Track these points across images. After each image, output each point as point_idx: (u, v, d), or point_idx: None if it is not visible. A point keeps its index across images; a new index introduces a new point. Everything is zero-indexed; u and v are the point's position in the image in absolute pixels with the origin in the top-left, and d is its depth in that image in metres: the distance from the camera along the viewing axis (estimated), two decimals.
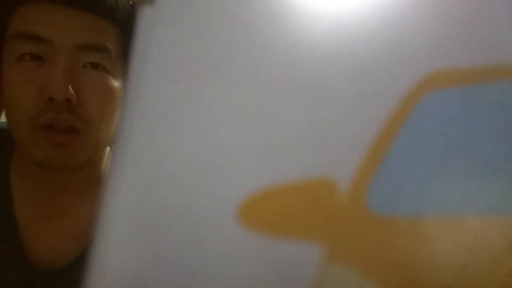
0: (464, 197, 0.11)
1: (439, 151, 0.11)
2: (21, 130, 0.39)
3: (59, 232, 0.45)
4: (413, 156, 0.11)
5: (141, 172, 0.11)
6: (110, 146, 0.47)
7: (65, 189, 0.45)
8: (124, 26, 0.41)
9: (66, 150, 0.39)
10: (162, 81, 0.12)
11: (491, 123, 0.11)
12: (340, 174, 0.11)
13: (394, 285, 0.11)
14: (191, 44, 0.12)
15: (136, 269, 0.11)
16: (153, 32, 0.12)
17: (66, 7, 0.38)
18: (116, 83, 0.41)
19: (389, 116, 0.11)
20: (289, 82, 0.12)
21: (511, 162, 0.11)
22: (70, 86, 0.37)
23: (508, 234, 0.11)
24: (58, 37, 0.38)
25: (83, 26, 0.39)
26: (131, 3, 0.42)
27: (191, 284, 0.11)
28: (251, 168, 0.11)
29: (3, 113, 0.42)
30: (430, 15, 0.12)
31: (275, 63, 0.12)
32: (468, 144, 0.11)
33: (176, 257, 0.11)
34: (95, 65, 0.40)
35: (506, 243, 0.11)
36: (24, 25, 0.38)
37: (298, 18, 0.12)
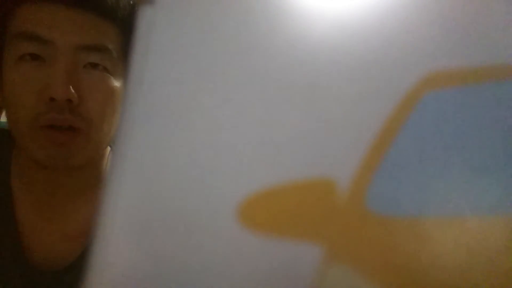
0: (464, 197, 0.11)
1: (439, 151, 0.11)
2: (22, 130, 0.39)
3: (59, 232, 0.45)
4: (413, 156, 0.11)
5: (141, 172, 0.11)
6: (110, 146, 0.47)
7: (65, 189, 0.45)
8: (125, 26, 0.41)
9: (67, 149, 0.39)
10: (162, 81, 0.12)
11: (491, 123, 0.11)
12: (340, 174, 0.11)
13: (394, 285, 0.11)
14: (191, 44, 0.12)
15: (136, 269, 0.11)
16: (153, 32, 0.12)
17: (67, 7, 0.38)
18: (116, 83, 0.41)
19: (389, 116, 0.11)
20: (289, 82, 0.12)
21: (511, 162, 0.11)
22: (71, 87, 0.37)
23: (508, 234, 0.11)
24: (59, 37, 0.38)
25: (84, 26, 0.39)
26: (131, 3, 0.42)
27: (191, 284, 0.11)
28: (251, 168, 0.11)
29: (3, 113, 0.42)
30: (430, 15, 0.12)
31: (275, 63, 0.12)
32: (468, 144, 0.11)
33: (176, 257, 0.11)
34: (95, 66, 0.40)
35: (506, 243, 0.11)
36: (25, 25, 0.38)
37: (298, 18, 0.12)
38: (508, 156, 0.11)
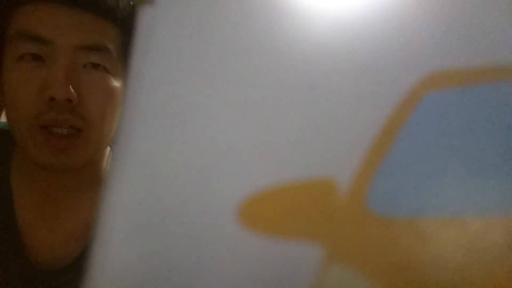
0: (464, 197, 0.11)
1: (439, 151, 0.11)
2: (21, 130, 0.39)
3: (59, 232, 0.45)
4: (413, 156, 0.11)
5: (141, 172, 0.11)
6: (110, 146, 0.47)
7: (65, 189, 0.45)
8: (125, 26, 0.41)
9: (67, 155, 0.39)
10: (162, 81, 0.12)
11: (491, 123, 0.11)
12: (340, 174, 0.11)
13: (394, 285, 0.11)
14: (191, 44, 0.12)
15: (136, 269, 0.11)
16: (153, 32, 0.12)
17: (67, 7, 0.38)
18: (116, 83, 0.41)
19: (389, 116, 0.11)
20: (289, 82, 0.12)
21: (511, 162, 0.11)
22: (70, 86, 0.37)
23: (508, 234, 0.11)
24: (59, 37, 0.38)
25: (84, 26, 0.39)
26: (131, 3, 0.42)
27: (191, 284, 0.11)
28: (251, 168, 0.11)
29: (3, 113, 0.42)
30: (430, 15, 0.12)
31: (275, 63, 0.12)
32: (468, 144, 0.11)
33: (176, 257, 0.11)
34: (95, 65, 0.40)
35: (506, 243, 0.11)
36: (25, 25, 0.38)
37: (298, 18, 0.12)
38: (508, 156, 0.11)
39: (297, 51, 0.12)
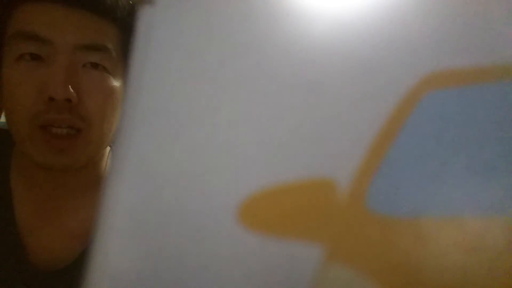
0: (464, 197, 0.11)
1: (439, 151, 0.11)
2: (21, 130, 0.39)
3: (59, 232, 0.45)
4: (413, 156, 0.11)
5: (141, 172, 0.11)
6: (110, 146, 0.47)
7: (65, 189, 0.45)
8: (124, 25, 0.41)
9: (66, 155, 0.39)
10: (162, 81, 0.12)
11: (491, 123, 0.11)
12: (340, 174, 0.11)
13: (394, 285, 0.11)
14: (191, 44, 0.12)
15: (136, 269, 0.11)
16: (153, 32, 0.12)
17: (66, 7, 0.38)
18: (116, 83, 0.41)
19: (389, 116, 0.11)
20: (289, 82, 0.12)
21: (511, 162, 0.11)
22: (70, 86, 0.37)
23: (508, 234, 0.11)
24: (58, 37, 0.38)
25: (83, 26, 0.39)
26: (131, 2, 0.42)
27: (191, 284, 0.11)
28: (251, 168, 0.11)
29: (3, 113, 0.42)
30: (430, 15, 0.12)
31: (275, 63, 0.12)
32: (468, 144, 0.11)
33: (176, 257, 0.11)
34: (95, 65, 0.40)
35: (506, 243, 0.11)
36: (24, 24, 0.38)
37: (298, 18, 0.12)
38: (508, 157, 0.11)
39: (297, 51, 0.12)
